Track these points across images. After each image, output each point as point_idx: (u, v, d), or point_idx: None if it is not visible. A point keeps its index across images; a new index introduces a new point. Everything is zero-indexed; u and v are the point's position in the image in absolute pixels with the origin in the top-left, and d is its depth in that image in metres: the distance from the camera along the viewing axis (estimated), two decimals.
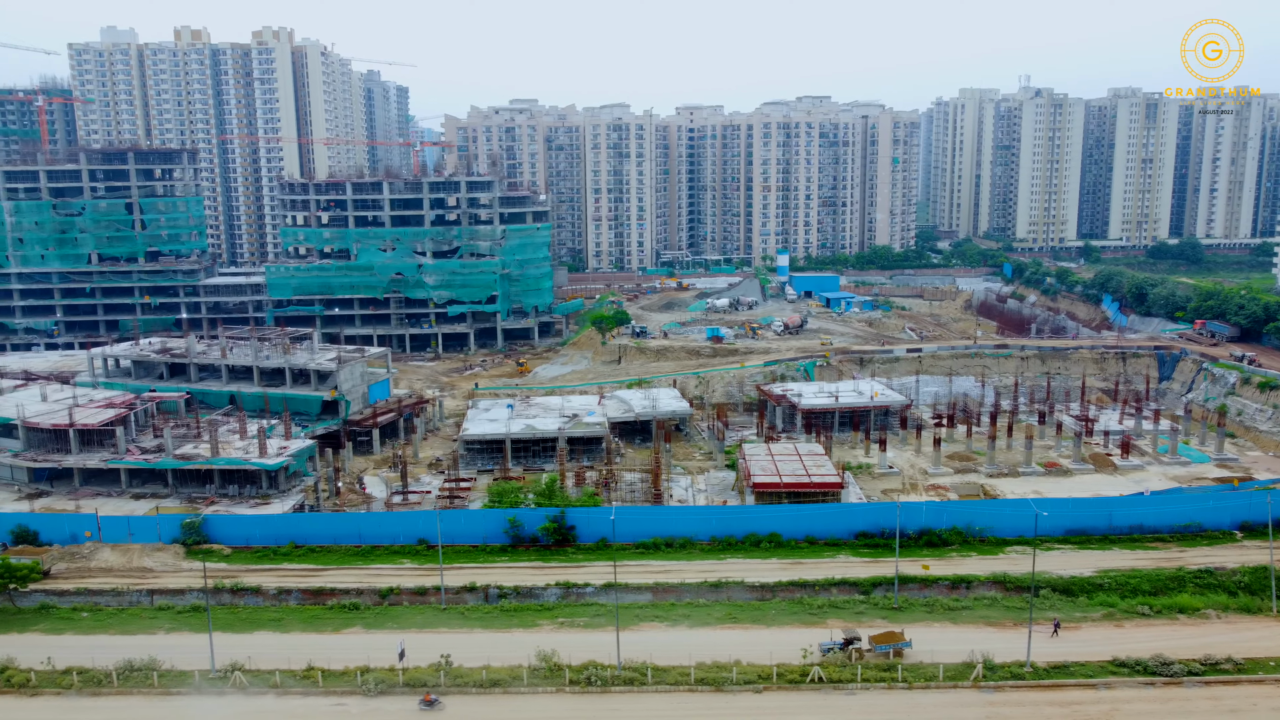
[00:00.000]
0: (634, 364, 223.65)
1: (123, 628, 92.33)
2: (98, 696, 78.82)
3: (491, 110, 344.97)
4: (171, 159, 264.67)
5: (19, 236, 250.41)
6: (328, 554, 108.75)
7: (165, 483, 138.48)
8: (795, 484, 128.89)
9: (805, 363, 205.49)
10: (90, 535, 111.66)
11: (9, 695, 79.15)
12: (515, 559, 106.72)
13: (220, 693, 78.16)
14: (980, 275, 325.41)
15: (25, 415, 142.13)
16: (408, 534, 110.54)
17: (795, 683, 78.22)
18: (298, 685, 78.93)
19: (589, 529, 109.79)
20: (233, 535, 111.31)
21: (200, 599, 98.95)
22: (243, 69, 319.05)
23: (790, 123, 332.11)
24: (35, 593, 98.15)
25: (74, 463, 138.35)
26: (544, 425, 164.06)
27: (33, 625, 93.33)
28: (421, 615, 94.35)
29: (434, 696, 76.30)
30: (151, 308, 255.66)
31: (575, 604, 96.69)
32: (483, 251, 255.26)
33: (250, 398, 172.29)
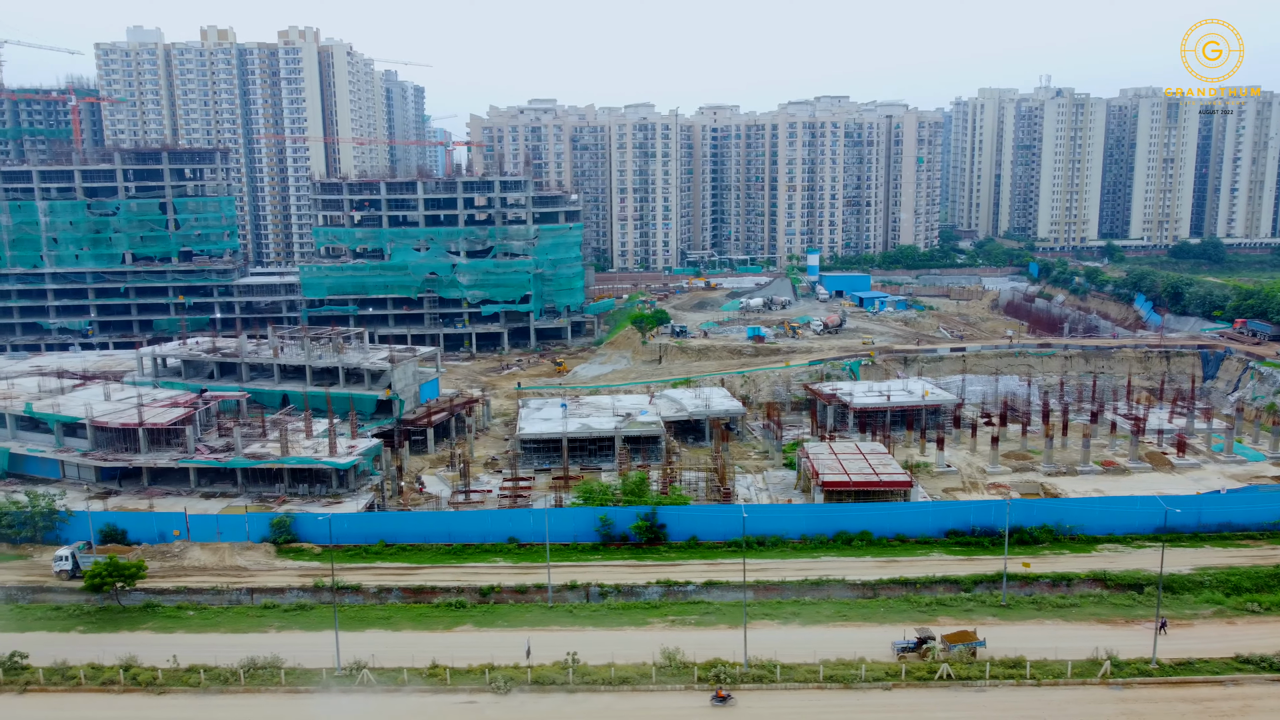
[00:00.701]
0: (675, 363, 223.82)
1: (232, 626, 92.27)
2: (226, 695, 78.76)
3: (516, 110, 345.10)
4: (205, 159, 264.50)
5: (53, 236, 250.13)
6: (419, 552, 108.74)
7: (234, 482, 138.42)
8: (865, 482, 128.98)
9: (850, 362, 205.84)
10: (179, 534, 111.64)
11: (137, 693, 79.14)
12: (608, 558, 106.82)
13: (349, 691, 78.13)
14: (1006, 275, 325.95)
15: (93, 415, 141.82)
16: (498, 532, 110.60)
17: (924, 680, 78.45)
18: (424, 683, 78.95)
19: (679, 527, 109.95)
20: (322, 534, 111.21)
21: (302, 597, 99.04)
22: (269, 69, 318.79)
23: (815, 122, 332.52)
24: (135, 591, 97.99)
25: (144, 462, 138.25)
26: (599, 424, 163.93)
27: (141, 624, 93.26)
28: (529, 613, 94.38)
29: (726, 692, 76.11)
30: (185, 307, 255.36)
31: (680, 602, 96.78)
32: (516, 251, 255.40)
33: (303, 397, 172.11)
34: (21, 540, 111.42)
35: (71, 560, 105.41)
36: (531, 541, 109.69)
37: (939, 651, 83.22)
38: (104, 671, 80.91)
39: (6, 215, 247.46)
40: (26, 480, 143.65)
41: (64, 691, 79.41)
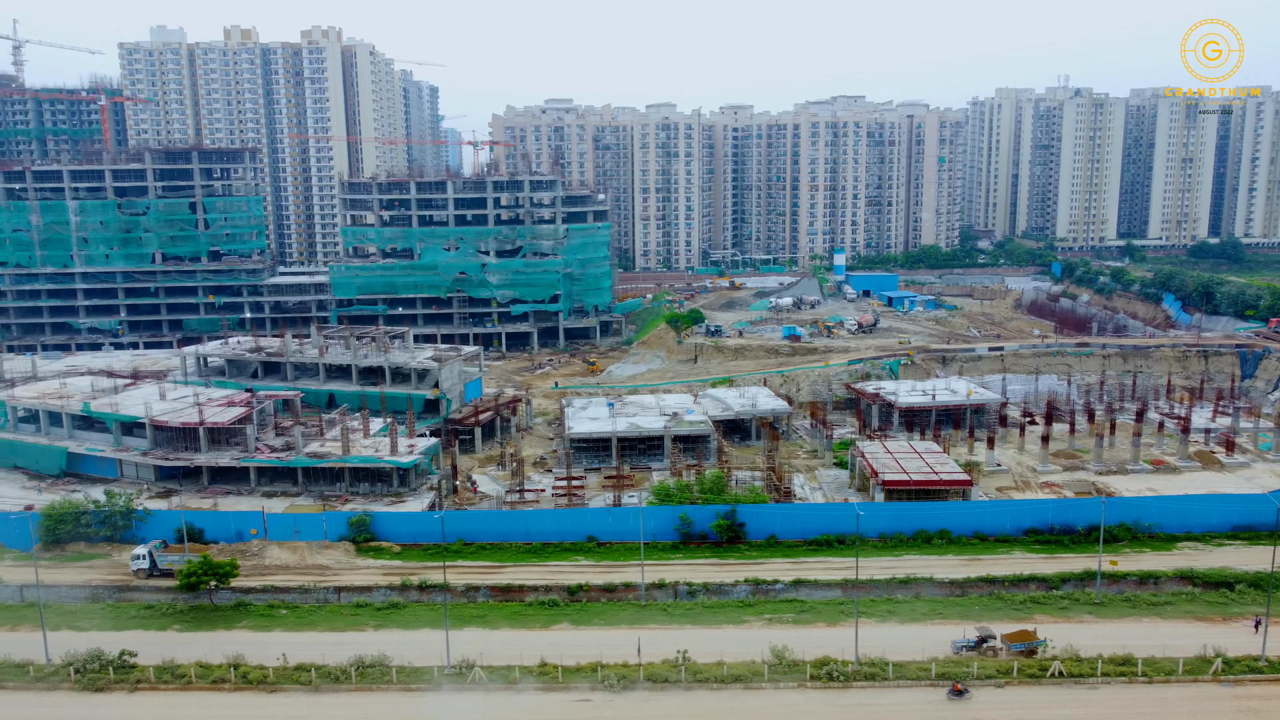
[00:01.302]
0: (712, 363, 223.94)
1: (328, 624, 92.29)
2: (338, 693, 78.76)
3: (538, 110, 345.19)
4: (234, 158, 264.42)
5: (84, 236, 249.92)
6: (499, 551, 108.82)
7: (294, 481, 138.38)
8: (925, 481, 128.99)
9: (889, 361, 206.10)
10: (256, 533, 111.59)
11: (248, 691, 79.14)
12: (689, 556, 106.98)
13: (463, 689, 78.21)
14: (1028, 274, 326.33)
15: (153, 414, 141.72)
16: (577, 531, 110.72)
17: (1035, 677, 78.68)
18: (536, 681, 79.00)
19: (758, 526, 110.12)
20: (400, 533, 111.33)
21: (390, 596, 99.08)
22: (292, 68, 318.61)
23: (838, 122, 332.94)
24: (223, 590, 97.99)
25: (206, 461, 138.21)
26: (648, 424, 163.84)
27: (236, 622, 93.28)
28: (623, 612, 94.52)
29: (963, 686, 76.23)
30: (215, 307, 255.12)
31: (772, 600, 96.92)
32: (545, 251, 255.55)
33: (350, 396, 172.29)
34: (99, 539, 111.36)
35: (149, 559, 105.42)
36: (610, 540, 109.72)
37: (997, 650, 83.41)
38: (213, 670, 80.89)
39: (37, 215, 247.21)
40: (83, 480, 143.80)
41: (175, 690, 79.38)
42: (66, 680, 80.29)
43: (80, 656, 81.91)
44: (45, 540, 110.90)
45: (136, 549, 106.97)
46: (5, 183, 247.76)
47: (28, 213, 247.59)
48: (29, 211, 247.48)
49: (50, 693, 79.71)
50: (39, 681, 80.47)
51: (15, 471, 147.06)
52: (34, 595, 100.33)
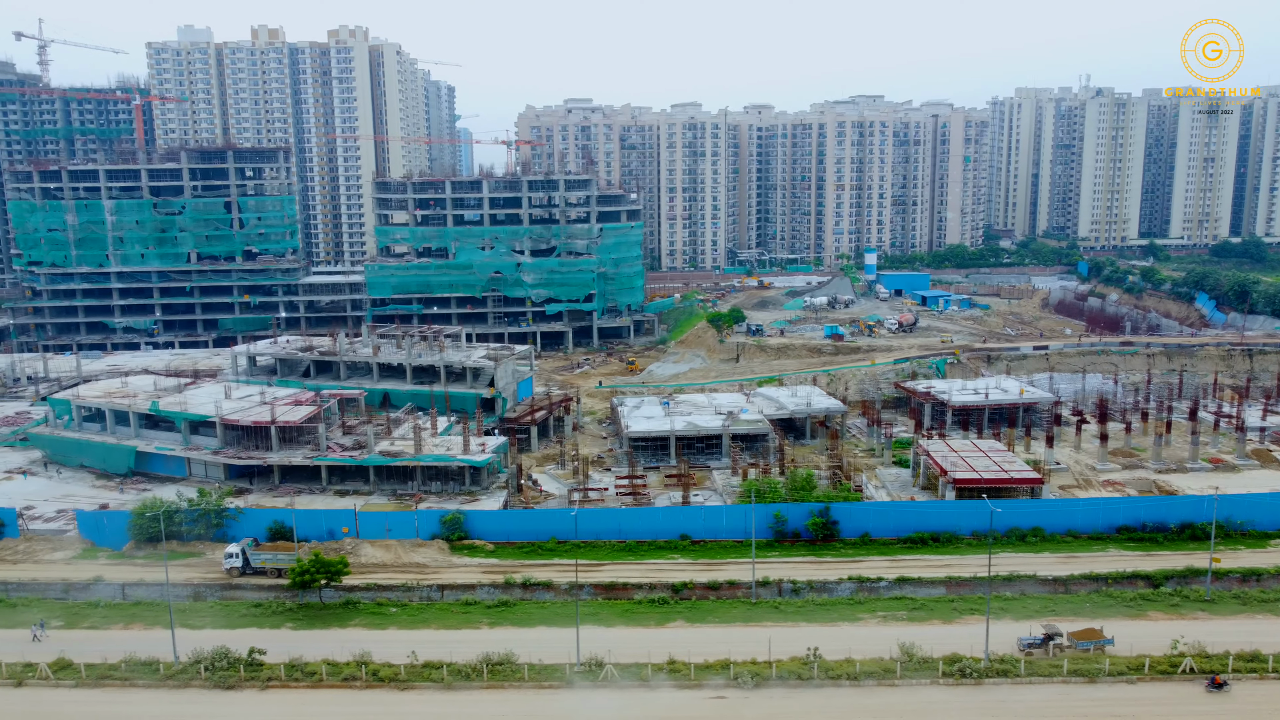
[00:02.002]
0: (754, 362, 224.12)
1: (442, 622, 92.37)
2: (470, 690, 78.81)
3: (564, 109, 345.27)
4: (268, 158, 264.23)
5: (119, 236, 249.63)
6: (593, 549, 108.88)
7: (366, 479, 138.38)
8: (995, 480, 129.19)
9: (936, 360, 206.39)
10: (347, 531, 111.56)
11: (380, 689, 79.17)
12: (785, 554, 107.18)
13: (597, 686, 78.29)
14: (1054, 274, 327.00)
15: (223, 413, 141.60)
16: (670, 530, 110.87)
17: (1166, 673, 78.95)
18: (668, 679, 79.10)
19: (851, 524, 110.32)
20: (492, 531, 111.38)
21: (494, 594, 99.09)
22: (320, 68, 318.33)
23: (864, 122, 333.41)
24: (327, 588, 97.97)
25: (278, 460, 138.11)
26: (705, 422, 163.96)
27: (349, 620, 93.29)
28: (734, 609, 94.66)
29: (1224, 679, 76.33)
30: (250, 306, 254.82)
31: (880, 598, 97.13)
32: (579, 250, 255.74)
33: (404, 395, 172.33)
34: (190, 538, 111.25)
35: (241, 557, 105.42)
36: (705, 539, 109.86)
37: (1063, 647, 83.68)
38: (342, 668, 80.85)
39: (73, 214, 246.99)
40: (151, 478, 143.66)
41: (305, 688, 79.37)
42: (196, 678, 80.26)
43: (207, 654, 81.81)
44: (137, 539, 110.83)
45: (229, 547, 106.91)
46: (41, 182, 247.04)
47: (63, 212, 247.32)
48: (65, 211, 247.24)
49: (181, 690, 79.68)
50: (170, 679, 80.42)
51: (81, 470, 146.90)
52: (136, 594, 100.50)
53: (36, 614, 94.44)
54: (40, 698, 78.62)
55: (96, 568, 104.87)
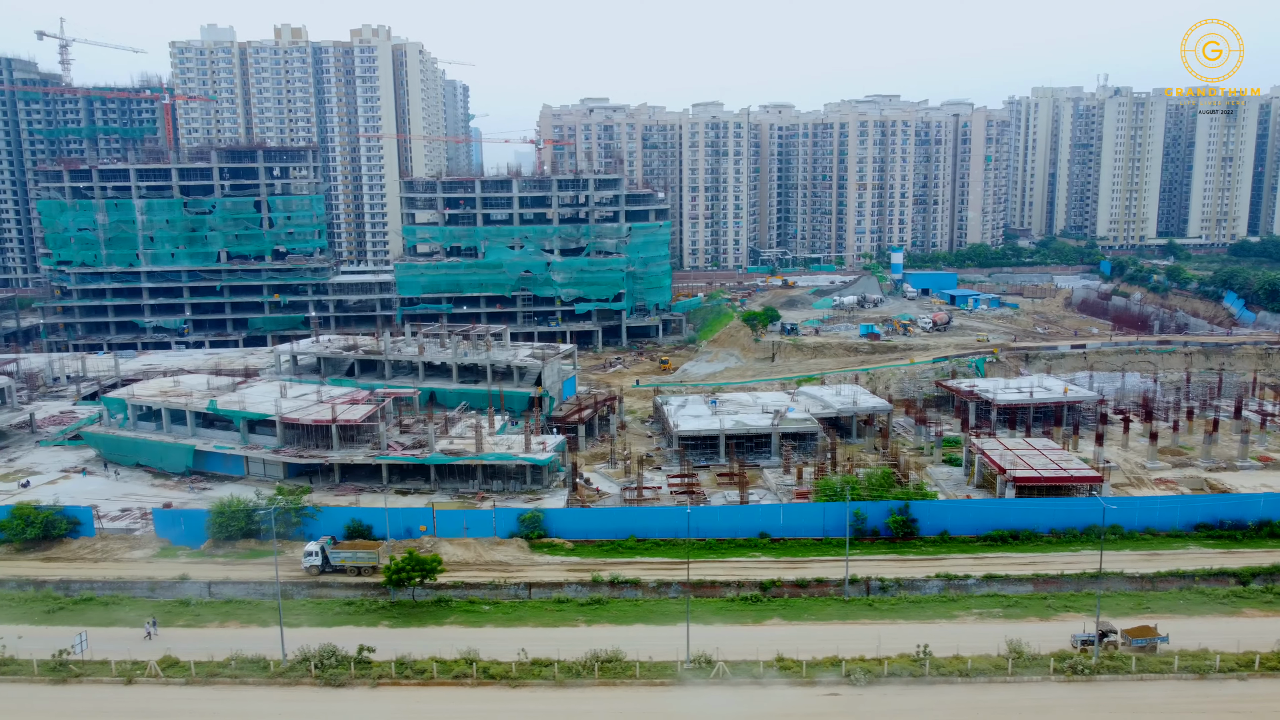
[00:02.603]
0: (790, 360, 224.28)
1: (538, 620, 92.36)
2: (582, 688, 78.79)
3: (585, 109, 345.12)
4: (297, 157, 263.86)
5: (150, 235, 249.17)
6: (672, 547, 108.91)
7: (426, 478, 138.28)
8: (1055, 478, 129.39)
9: (975, 359, 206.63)
10: (425, 529, 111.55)
11: (491, 687, 79.12)
12: (866, 552, 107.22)
13: (710, 683, 78.36)
14: (1076, 273, 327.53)
15: (283, 411, 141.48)
16: (749, 527, 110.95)
17: (1275, 669, 79.14)
18: (779, 676, 79.16)
19: (929, 522, 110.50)
20: (571, 529, 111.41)
21: (581, 592, 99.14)
22: (343, 67, 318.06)
23: (886, 121, 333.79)
24: (415, 587, 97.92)
25: (340, 458, 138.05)
26: (754, 421, 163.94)
27: (443, 618, 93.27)
28: (828, 606, 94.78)
29: None
30: (280, 306, 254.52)
31: (971, 595, 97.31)
32: (608, 249, 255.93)
33: (450, 394, 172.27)
34: (267, 536, 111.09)
35: (321, 555, 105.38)
36: (784, 536, 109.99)
37: (1117, 644, 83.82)
38: (451, 665, 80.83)
39: (103, 213, 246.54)
40: (209, 477, 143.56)
41: (417, 685, 79.39)
42: (306, 676, 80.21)
43: (314, 652, 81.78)
44: (215, 537, 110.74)
45: (308, 545, 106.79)
46: (71, 181, 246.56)
47: (94, 211, 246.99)
48: (95, 210, 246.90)
49: (292, 688, 79.61)
50: (279, 677, 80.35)
51: (138, 469, 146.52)
52: (224, 592, 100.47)
53: (129, 612, 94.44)
54: (152, 695, 78.60)
55: (179, 566, 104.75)
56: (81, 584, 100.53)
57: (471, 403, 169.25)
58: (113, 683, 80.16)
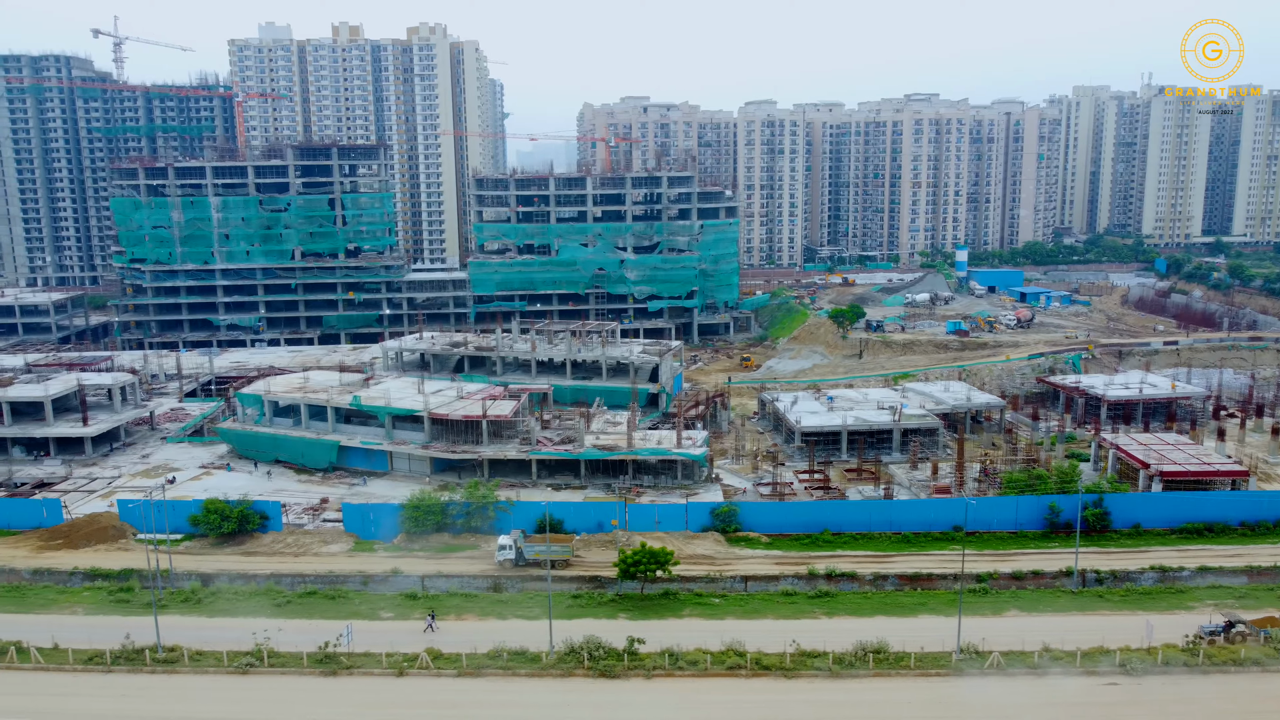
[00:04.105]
0: (880, 357, 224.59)
1: (775, 613, 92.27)
2: (859, 679, 78.81)
3: (639, 107, 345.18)
4: (369, 155, 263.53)
5: (225, 233, 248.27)
6: (869, 541, 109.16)
7: (576, 473, 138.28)
8: (1202, 472, 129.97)
9: (1072, 356, 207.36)
10: (617, 524, 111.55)
11: (765, 678, 78.77)
12: (1064, 544, 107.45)
13: (986, 673, 78.57)
14: (1131, 271, 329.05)
15: (431, 407, 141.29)
16: (942, 521, 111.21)
17: None
18: (1053, 665, 79.34)
19: (1122, 514, 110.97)
20: (763, 523, 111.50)
21: (797, 585, 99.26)
22: (401, 65, 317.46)
23: (940, 119, 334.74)
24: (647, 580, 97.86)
25: (492, 454, 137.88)
26: (874, 417, 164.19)
27: (679, 611, 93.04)
28: (1060, 598, 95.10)
29: None
30: (355, 304, 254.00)
31: (1195, 586, 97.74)
32: (681, 247, 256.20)
33: (566, 391, 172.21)
34: (458, 530, 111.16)
35: (515, 549, 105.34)
36: (976, 529, 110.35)
37: (1245, 635, 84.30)
38: (724, 657, 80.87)
39: (179, 211, 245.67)
40: (352, 473, 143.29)
41: (691, 677, 79.33)
42: (579, 667, 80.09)
43: (580, 644, 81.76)
44: (409, 531, 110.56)
45: (500, 539, 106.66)
46: (147, 179, 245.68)
47: (169, 209, 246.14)
48: (170, 208, 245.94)
49: (565, 679, 79.48)
50: (551, 669, 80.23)
51: (278, 465, 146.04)
52: (436, 585, 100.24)
53: (359, 605, 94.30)
54: (426, 687, 78.34)
55: (384, 560, 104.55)
56: (292, 578, 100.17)
57: (587, 399, 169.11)
58: (384, 674, 79.87)
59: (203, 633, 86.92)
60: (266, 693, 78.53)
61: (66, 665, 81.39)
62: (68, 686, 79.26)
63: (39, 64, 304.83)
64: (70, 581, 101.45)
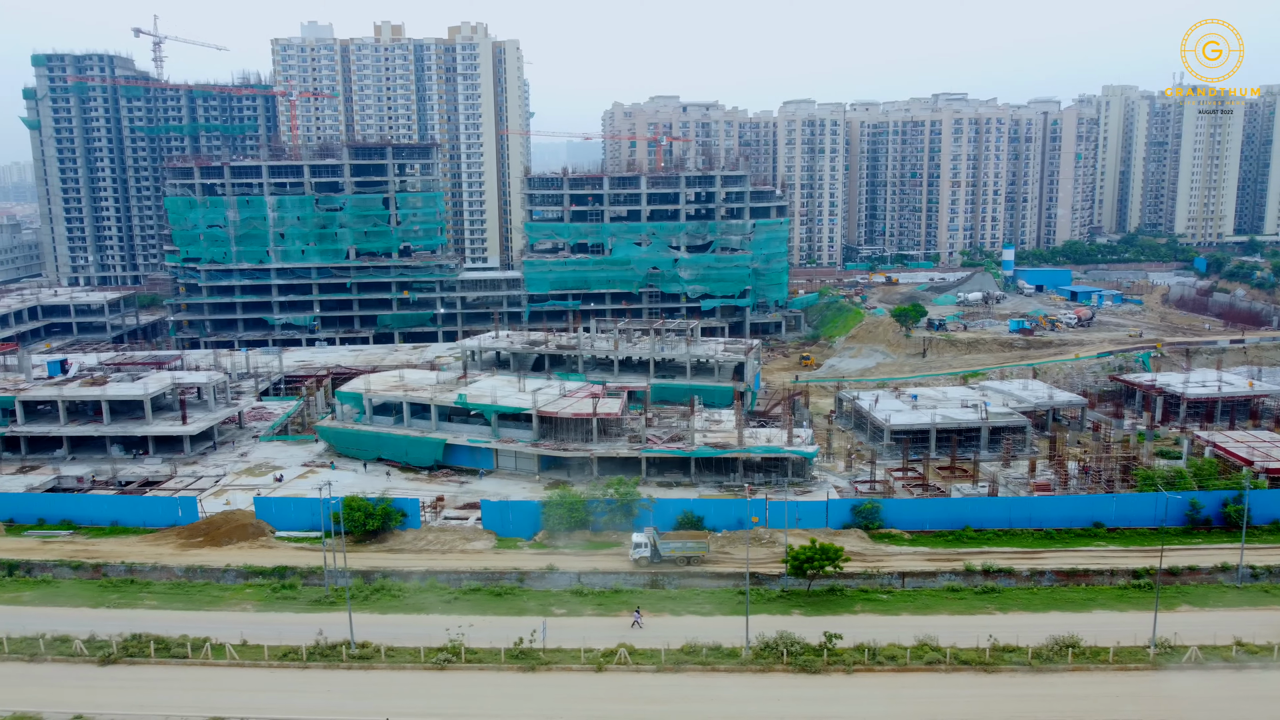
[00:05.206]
0: (944, 356, 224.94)
1: (948, 609, 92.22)
2: (1058, 673, 79.10)
3: (680, 107, 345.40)
4: (422, 154, 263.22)
5: (280, 232, 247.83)
6: (1012, 537, 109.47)
7: (684, 471, 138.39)
8: None
9: (1142, 354, 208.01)
10: (757, 521, 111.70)
11: (964, 672, 79.19)
12: (1208, 540, 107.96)
13: (1182, 668, 78.89)
14: (1169, 270, 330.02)
15: (539, 405, 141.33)
16: (1082, 517, 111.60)
17: None
18: (1250, 660, 79.73)
19: (1263, 510, 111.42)
20: (905, 519, 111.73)
21: (954, 581, 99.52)
22: (444, 65, 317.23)
23: (980, 119, 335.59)
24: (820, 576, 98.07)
25: (602, 451, 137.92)
26: (961, 415, 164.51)
27: (849, 608, 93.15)
28: (1227, 593, 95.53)
29: None
30: (409, 303, 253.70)
31: None
32: (734, 246, 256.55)
33: (653, 390, 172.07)
34: (600, 528, 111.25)
35: (650, 546, 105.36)
36: (1117, 526, 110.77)
37: None
38: (921, 651, 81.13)
39: (234, 210, 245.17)
40: (457, 471, 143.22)
41: (890, 671, 79.62)
42: (778, 662, 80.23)
43: (774, 640, 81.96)
44: (551, 528, 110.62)
45: (635, 536, 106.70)
46: (202, 178, 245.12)
47: (224, 209, 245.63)
48: (226, 207, 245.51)
49: (764, 675, 79.64)
50: (750, 664, 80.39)
51: (379, 464, 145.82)
52: (593, 581, 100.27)
53: (527, 602, 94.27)
54: (627, 682, 78.38)
55: (531, 557, 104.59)
56: (447, 574, 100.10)
57: (672, 397, 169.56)
58: (583, 670, 79.90)
59: (382, 629, 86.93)
60: (466, 688, 78.53)
61: (262, 661, 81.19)
62: (266, 682, 79.18)
63: (82, 63, 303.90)
64: (224, 578, 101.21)
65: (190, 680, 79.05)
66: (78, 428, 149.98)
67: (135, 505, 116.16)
